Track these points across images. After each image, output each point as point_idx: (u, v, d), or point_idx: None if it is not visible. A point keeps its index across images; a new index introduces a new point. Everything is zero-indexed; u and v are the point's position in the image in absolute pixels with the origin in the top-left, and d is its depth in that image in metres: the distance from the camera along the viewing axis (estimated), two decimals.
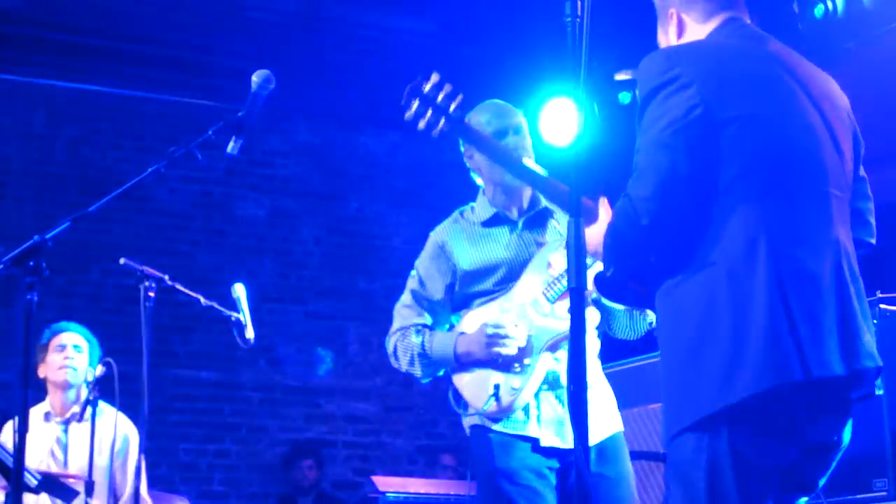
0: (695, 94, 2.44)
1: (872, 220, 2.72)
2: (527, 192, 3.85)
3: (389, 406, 8.53)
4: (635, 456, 4.84)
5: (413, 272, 3.92)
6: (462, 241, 3.83)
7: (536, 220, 3.85)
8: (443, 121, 3.06)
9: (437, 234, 3.89)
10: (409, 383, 7.83)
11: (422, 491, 6.18)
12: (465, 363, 3.72)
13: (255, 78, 3.25)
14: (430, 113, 3.07)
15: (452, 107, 3.06)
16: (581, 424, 2.25)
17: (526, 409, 3.66)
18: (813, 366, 2.33)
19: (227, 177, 8.30)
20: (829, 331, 2.36)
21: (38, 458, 4.88)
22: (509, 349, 3.64)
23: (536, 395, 3.67)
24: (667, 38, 2.75)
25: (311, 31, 7.59)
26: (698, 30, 2.68)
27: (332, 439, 8.44)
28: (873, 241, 2.71)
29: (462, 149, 3.89)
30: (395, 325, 3.90)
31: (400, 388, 8.41)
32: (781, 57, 2.61)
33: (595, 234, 2.64)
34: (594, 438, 3.59)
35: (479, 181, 3.92)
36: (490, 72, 7.72)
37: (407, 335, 3.84)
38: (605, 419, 3.73)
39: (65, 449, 4.96)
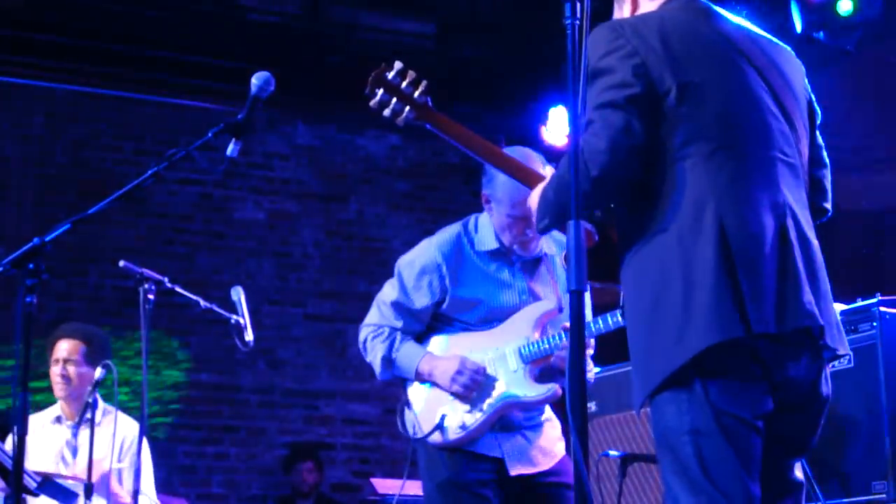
0: (640, 63, 2.50)
1: (828, 186, 2.78)
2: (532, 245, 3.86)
3: (389, 408, 8.52)
4: (633, 458, 4.86)
5: (404, 274, 3.87)
6: (462, 267, 3.84)
7: (532, 264, 3.90)
8: (407, 107, 3.05)
9: (439, 251, 3.83)
10: None
11: (421, 494, 6.16)
12: (423, 381, 3.86)
13: (255, 80, 3.25)
14: (394, 100, 3.05)
15: (416, 93, 3.05)
16: (580, 428, 2.24)
17: (481, 433, 3.77)
18: (753, 322, 2.38)
19: (227, 179, 8.30)
20: (768, 289, 2.41)
21: (45, 462, 4.86)
22: (469, 393, 3.76)
23: (495, 435, 3.78)
24: (621, 12, 2.81)
25: (311, 32, 7.60)
26: (650, 5, 2.74)
27: (332, 441, 8.44)
28: (828, 205, 2.77)
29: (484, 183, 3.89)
30: (373, 318, 3.94)
31: (399, 390, 8.39)
32: (726, 29, 2.66)
33: (538, 191, 2.66)
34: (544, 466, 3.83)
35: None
36: (491, 73, 7.73)
37: (380, 334, 3.91)
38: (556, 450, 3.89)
39: (74, 451, 4.94)
